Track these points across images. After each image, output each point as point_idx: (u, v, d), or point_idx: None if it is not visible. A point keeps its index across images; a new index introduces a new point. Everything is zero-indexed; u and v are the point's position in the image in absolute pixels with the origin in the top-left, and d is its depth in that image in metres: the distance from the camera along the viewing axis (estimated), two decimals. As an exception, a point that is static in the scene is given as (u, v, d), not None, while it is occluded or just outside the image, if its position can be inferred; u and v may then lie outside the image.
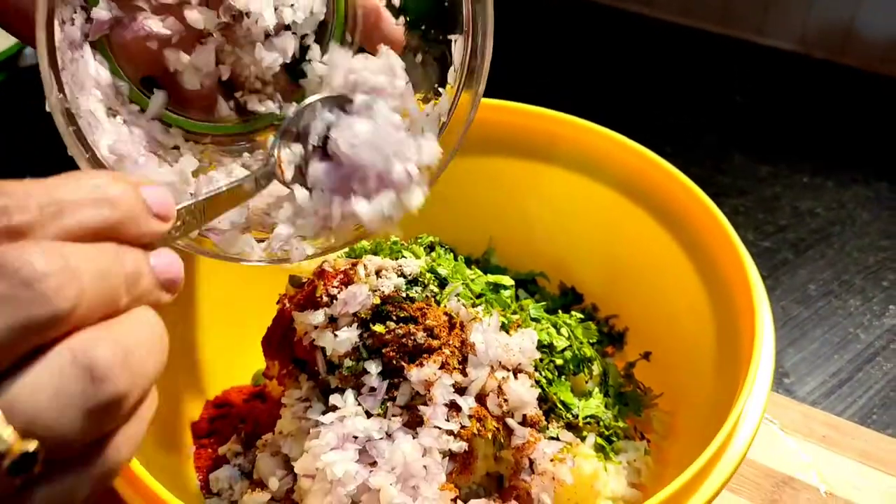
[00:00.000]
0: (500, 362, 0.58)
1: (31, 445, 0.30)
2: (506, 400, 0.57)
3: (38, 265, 0.30)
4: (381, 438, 0.55)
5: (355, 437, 0.55)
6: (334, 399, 0.57)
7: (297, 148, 0.53)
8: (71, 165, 0.49)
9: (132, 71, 0.54)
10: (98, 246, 0.33)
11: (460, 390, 0.57)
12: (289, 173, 0.53)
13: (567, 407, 0.60)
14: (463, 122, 0.57)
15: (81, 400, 0.31)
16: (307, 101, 0.54)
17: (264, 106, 0.59)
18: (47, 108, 0.46)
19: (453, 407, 0.56)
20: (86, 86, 0.50)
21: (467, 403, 0.56)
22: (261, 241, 0.55)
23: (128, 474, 0.48)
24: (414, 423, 0.56)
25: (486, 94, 0.67)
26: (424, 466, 0.54)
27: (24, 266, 0.30)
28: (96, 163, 0.48)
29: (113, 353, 0.32)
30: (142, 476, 0.48)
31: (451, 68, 0.57)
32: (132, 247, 0.35)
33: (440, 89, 0.57)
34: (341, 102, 0.54)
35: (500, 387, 0.57)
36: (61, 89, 0.46)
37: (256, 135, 0.60)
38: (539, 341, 0.62)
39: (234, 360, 0.72)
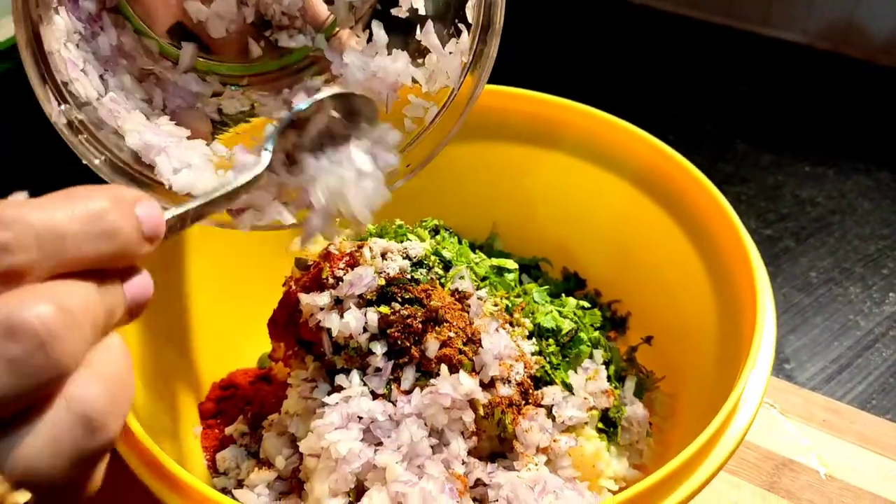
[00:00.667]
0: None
1: (24, 497, 0.30)
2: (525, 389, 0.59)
3: (52, 324, 0.30)
4: (386, 419, 0.56)
5: (360, 418, 0.56)
6: (339, 380, 0.58)
7: (293, 136, 0.52)
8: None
9: (158, 27, 0.54)
10: (86, 284, 0.33)
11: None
12: (278, 165, 0.52)
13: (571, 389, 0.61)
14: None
15: (75, 450, 0.31)
16: (318, 96, 0.53)
17: (295, 41, 0.58)
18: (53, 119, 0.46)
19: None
20: (111, 59, 0.50)
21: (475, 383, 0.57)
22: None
23: (140, 450, 0.49)
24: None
25: (496, 81, 0.67)
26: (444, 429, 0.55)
27: (39, 327, 0.29)
28: (115, 161, 0.49)
29: (105, 400, 0.31)
30: (155, 453, 0.49)
31: (470, 2, 0.56)
32: (113, 277, 0.34)
33: (460, 25, 0.56)
34: (350, 104, 0.53)
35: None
36: (63, 99, 0.47)
37: (293, 69, 0.60)
38: (543, 326, 0.63)
39: (239, 344, 0.73)
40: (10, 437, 0.30)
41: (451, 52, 0.56)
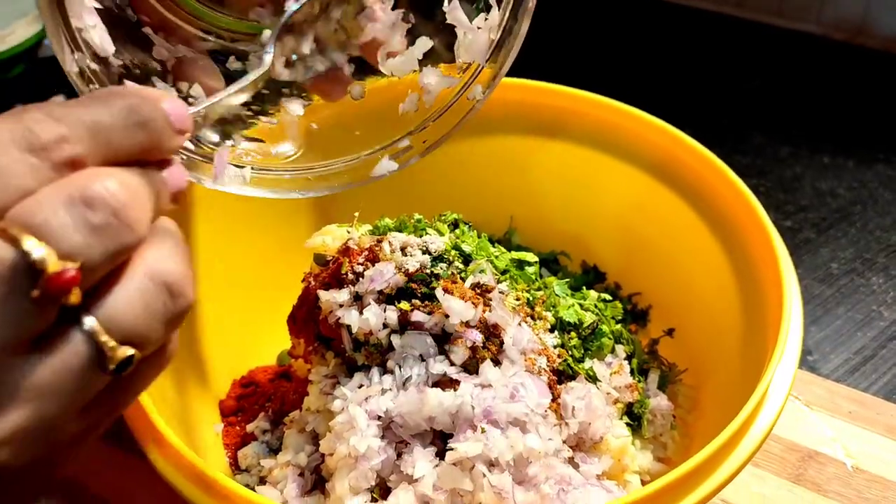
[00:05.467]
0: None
1: (130, 351, 0.35)
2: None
3: (120, 196, 0.34)
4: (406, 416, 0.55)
5: (380, 416, 0.55)
6: (359, 377, 0.58)
7: (291, 41, 0.52)
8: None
9: None
10: (133, 169, 0.37)
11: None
12: (279, 66, 0.52)
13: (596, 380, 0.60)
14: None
15: (164, 312, 0.36)
16: None
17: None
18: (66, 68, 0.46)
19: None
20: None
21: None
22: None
23: (165, 448, 0.49)
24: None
25: (512, 74, 0.65)
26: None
27: (109, 197, 0.34)
28: None
29: (179, 269, 0.37)
30: (181, 450, 0.49)
31: None
32: (152, 167, 0.38)
33: (490, 1, 0.54)
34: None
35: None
36: (76, 47, 0.46)
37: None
38: (565, 320, 0.63)
39: (259, 341, 0.73)
40: (106, 302, 0.34)
41: (478, 28, 0.54)
